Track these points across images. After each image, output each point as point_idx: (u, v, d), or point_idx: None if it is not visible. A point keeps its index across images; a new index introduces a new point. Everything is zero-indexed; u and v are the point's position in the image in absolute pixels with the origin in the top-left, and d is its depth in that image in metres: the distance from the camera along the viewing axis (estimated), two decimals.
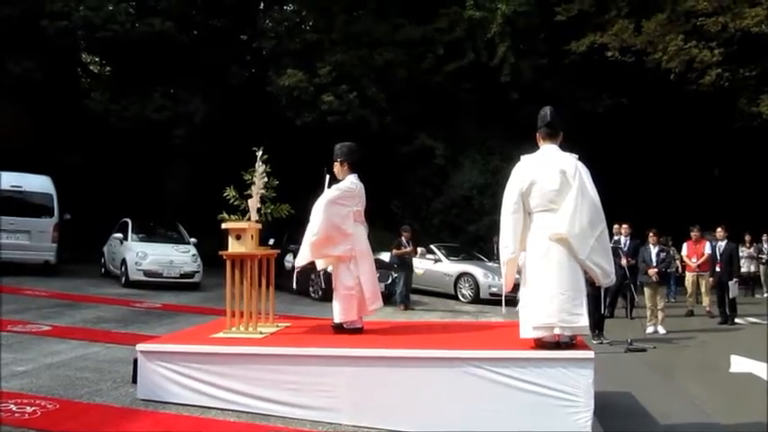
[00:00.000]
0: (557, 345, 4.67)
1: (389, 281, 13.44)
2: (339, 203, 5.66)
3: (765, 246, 17.40)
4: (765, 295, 17.05)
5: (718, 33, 17.42)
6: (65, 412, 4.84)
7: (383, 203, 19.30)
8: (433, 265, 15.69)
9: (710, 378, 7.64)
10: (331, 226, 5.60)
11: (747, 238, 16.88)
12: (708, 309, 13.30)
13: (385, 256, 14.00)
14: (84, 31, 17.53)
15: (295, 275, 5.95)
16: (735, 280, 12.20)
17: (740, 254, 15.97)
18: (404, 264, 13.50)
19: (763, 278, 17.53)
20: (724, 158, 22.55)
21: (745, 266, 16.62)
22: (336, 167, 5.92)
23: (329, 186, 5.80)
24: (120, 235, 14.67)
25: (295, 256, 5.93)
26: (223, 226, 5.80)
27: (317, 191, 5.84)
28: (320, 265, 6.06)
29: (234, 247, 5.76)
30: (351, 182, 5.81)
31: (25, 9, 16.84)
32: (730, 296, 12.12)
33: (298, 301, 12.84)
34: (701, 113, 20.41)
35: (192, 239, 14.95)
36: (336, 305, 5.76)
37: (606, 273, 4.77)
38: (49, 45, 17.39)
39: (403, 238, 13.64)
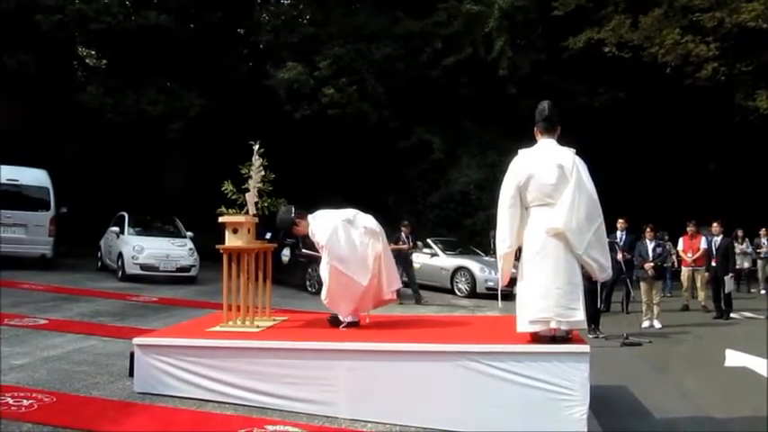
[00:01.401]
0: (553, 339, 4.68)
1: None
2: (334, 239, 5.49)
3: (764, 240, 17.25)
4: (762, 291, 17.01)
5: (715, 28, 17.42)
6: (62, 406, 4.84)
7: (380, 198, 19.31)
8: (429, 259, 15.70)
9: (706, 372, 7.67)
10: (349, 257, 5.49)
11: (740, 233, 16.82)
12: (703, 303, 13.36)
13: None
14: (79, 24, 17.46)
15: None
16: (730, 275, 12.23)
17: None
18: (400, 258, 13.46)
19: (760, 274, 17.41)
20: (720, 153, 22.60)
21: (739, 262, 16.55)
22: (297, 230, 5.90)
23: (313, 249, 5.68)
24: (116, 229, 14.66)
25: (293, 250, 5.92)
26: (220, 220, 5.79)
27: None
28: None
29: (231, 240, 5.75)
30: (314, 221, 5.70)
31: (20, 2, 16.76)
32: (726, 291, 12.16)
33: (294, 295, 12.85)
34: (697, 108, 20.46)
35: (189, 233, 14.95)
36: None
37: (603, 267, 4.78)
38: (44, 38, 17.32)
39: (402, 233, 13.63)
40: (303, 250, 13.27)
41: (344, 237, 5.52)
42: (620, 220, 11.82)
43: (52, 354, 6.57)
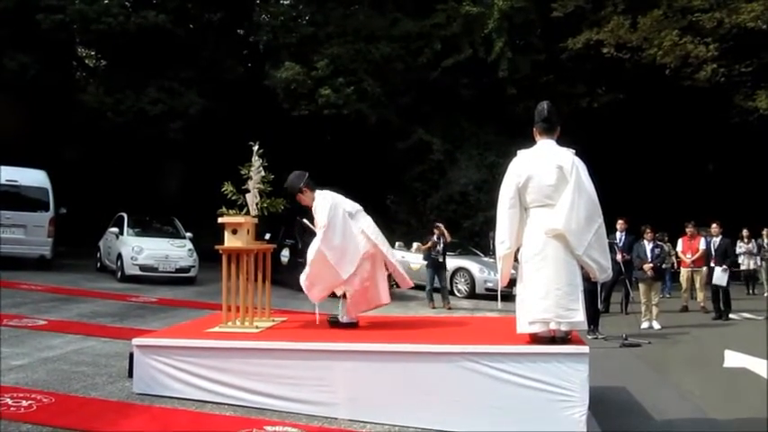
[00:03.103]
0: (552, 340, 4.68)
1: None
2: (332, 223, 5.46)
3: (766, 241, 16.88)
4: (766, 294, 16.73)
5: (714, 29, 17.44)
6: (60, 406, 4.83)
7: (379, 198, 19.30)
8: None
9: (705, 373, 7.67)
10: (339, 247, 5.45)
11: (745, 233, 16.47)
12: (702, 304, 13.36)
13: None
14: (79, 24, 17.46)
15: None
16: (724, 267, 12.06)
17: (738, 249, 15.90)
18: (430, 260, 13.40)
19: (764, 275, 17.10)
20: (719, 154, 22.62)
21: (744, 263, 16.41)
22: (301, 198, 5.80)
23: (312, 223, 5.66)
24: (115, 229, 14.65)
25: (293, 252, 5.91)
26: (219, 220, 5.79)
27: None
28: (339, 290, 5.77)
29: (230, 241, 5.75)
30: (320, 198, 5.64)
31: (20, 2, 16.76)
32: (714, 282, 12.07)
33: (293, 296, 12.81)
34: (697, 109, 20.47)
35: (188, 234, 14.93)
36: (346, 301, 5.72)
37: (603, 268, 4.78)
38: (45, 39, 17.31)
39: (434, 236, 13.58)
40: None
41: (341, 226, 5.52)
42: (620, 221, 11.82)
43: (51, 354, 6.56)
